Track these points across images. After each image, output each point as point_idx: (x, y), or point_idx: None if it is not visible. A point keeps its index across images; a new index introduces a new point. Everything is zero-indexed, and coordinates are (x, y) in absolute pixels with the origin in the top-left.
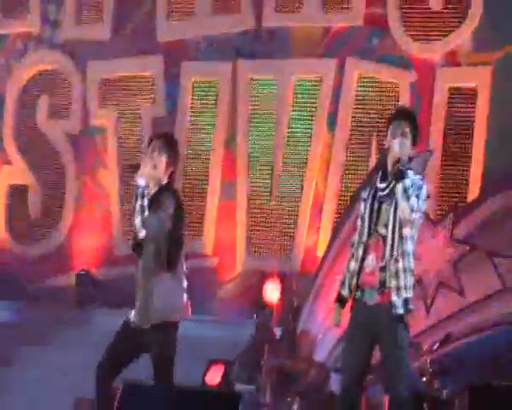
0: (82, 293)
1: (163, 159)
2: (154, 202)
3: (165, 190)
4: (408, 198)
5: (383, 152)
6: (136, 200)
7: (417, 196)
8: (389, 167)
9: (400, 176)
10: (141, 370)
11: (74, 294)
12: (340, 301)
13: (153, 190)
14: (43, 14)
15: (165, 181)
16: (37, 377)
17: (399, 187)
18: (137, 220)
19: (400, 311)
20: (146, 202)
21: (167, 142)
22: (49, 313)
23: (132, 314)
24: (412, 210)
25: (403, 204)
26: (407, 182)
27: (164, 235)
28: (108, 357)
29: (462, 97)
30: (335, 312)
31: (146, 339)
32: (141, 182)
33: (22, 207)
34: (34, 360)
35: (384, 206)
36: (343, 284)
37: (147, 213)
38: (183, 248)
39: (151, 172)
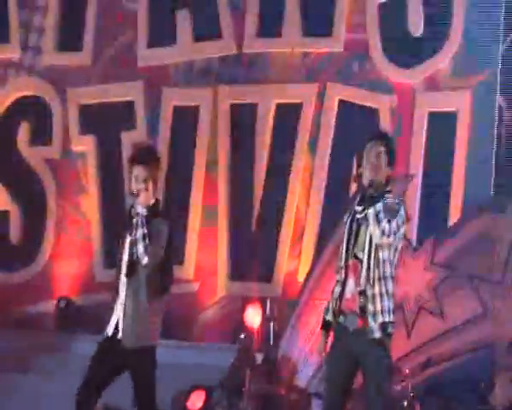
0: (62, 320)
1: (149, 184)
2: (151, 231)
3: (160, 217)
4: (379, 222)
5: (359, 175)
6: (137, 228)
7: (389, 221)
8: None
9: (372, 201)
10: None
11: (54, 320)
12: (325, 326)
13: (141, 211)
14: (24, 41)
15: (152, 201)
16: (17, 405)
17: (371, 212)
18: (140, 247)
19: (376, 335)
20: (146, 230)
21: (149, 164)
22: (29, 339)
23: (110, 332)
24: (383, 234)
25: (373, 228)
26: (378, 206)
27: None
28: (87, 381)
29: (442, 121)
30: (321, 339)
31: (128, 360)
32: (140, 209)
33: (3, 233)
34: (14, 388)
35: (362, 228)
36: (327, 309)
37: (147, 240)
38: (173, 274)
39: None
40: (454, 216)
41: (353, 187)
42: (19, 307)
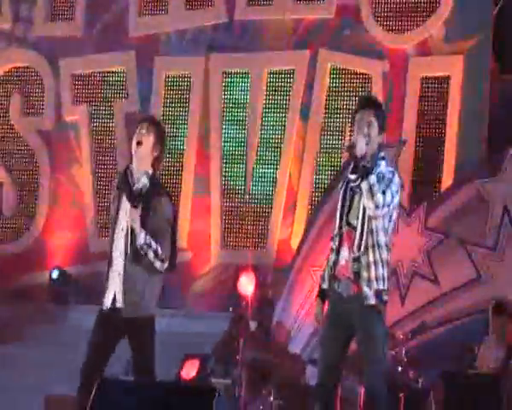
0: (56, 290)
1: (150, 138)
2: (152, 209)
3: (161, 193)
4: (372, 196)
5: (351, 145)
6: (137, 236)
7: (384, 192)
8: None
9: (365, 173)
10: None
11: (48, 291)
12: (321, 295)
13: (140, 179)
14: (15, 12)
15: (150, 170)
16: (9, 375)
17: (364, 185)
18: (150, 254)
19: (371, 301)
20: (148, 237)
21: (154, 124)
22: (23, 310)
23: (108, 304)
24: (377, 207)
25: (367, 202)
26: (372, 179)
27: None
28: (91, 355)
29: (434, 87)
30: (317, 307)
31: (128, 329)
32: (132, 212)
33: None
34: (8, 358)
35: (356, 197)
36: (323, 278)
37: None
38: (177, 249)
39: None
40: (447, 180)
41: (345, 155)
42: (13, 278)
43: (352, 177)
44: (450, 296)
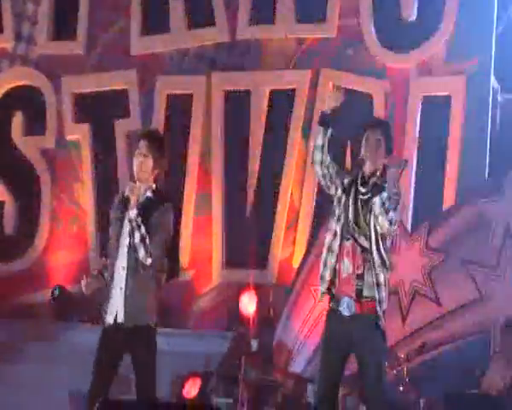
0: (57, 308)
1: (150, 158)
2: (154, 217)
3: (162, 201)
4: (387, 212)
5: (359, 163)
6: (133, 233)
7: (395, 209)
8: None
9: (377, 190)
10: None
11: (50, 310)
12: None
13: (143, 192)
14: (18, 31)
15: (153, 185)
16: (10, 392)
17: (377, 201)
18: (141, 251)
19: (382, 322)
20: (143, 230)
21: (154, 142)
22: (24, 328)
23: (111, 320)
24: (391, 223)
25: (381, 218)
26: (384, 195)
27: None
28: (96, 378)
29: (436, 107)
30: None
31: (130, 340)
32: (133, 214)
33: None
34: (10, 377)
35: (363, 212)
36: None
37: (147, 241)
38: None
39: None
40: (449, 200)
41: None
42: (14, 297)
43: (363, 190)
44: (452, 316)
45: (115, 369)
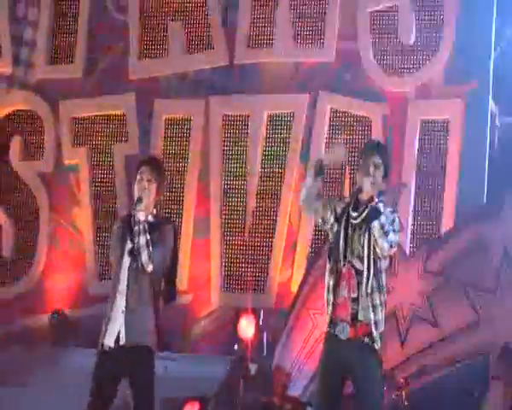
0: (56, 333)
1: (153, 186)
2: (156, 235)
3: (166, 222)
4: (386, 235)
5: (358, 189)
6: (139, 235)
7: (394, 231)
8: (361, 200)
9: (375, 214)
10: None
11: (48, 334)
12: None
13: (143, 218)
14: (16, 55)
15: (155, 210)
16: None
17: (376, 225)
18: (144, 254)
19: (377, 345)
20: (148, 236)
21: (156, 168)
22: (22, 353)
23: (112, 343)
24: (391, 246)
25: (381, 241)
26: (383, 219)
27: (163, 267)
28: (94, 402)
29: (434, 130)
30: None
31: (129, 362)
32: (142, 217)
33: None
34: (8, 402)
35: (355, 236)
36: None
37: (151, 247)
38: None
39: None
40: (447, 224)
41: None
42: (12, 321)
43: (354, 214)
44: (451, 340)
45: (115, 392)
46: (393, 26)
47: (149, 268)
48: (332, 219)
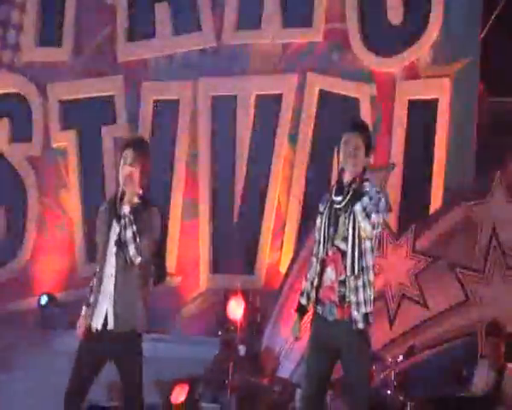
0: (45, 316)
1: (137, 168)
2: (142, 221)
3: (149, 206)
4: (368, 216)
5: (341, 169)
6: (125, 228)
7: (377, 211)
8: (345, 182)
9: (357, 196)
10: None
11: (37, 317)
12: (300, 310)
13: (130, 201)
14: (3, 38)
15: (140, 191)
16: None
17: (358, 207)
18: (131, 248)
19: (360, 326)
20: (135, 228)
21: (139, 150)
22: (11, 336)
23: (99, 326)
24: (374, 227)
25: (363, 223)
26: (365, 201)
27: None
28: (75, 378)
29: (422, 110)
30: (295, 324)
31: (117, 347)
32: (126, 209)
33: None
34: None
35: (341, 219)
36: (302, 293)
37: (138, 239)
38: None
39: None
40: (435, 203)
41: (333, 177)
42: (1, 305)
43: (337, 199)
44: (439, 319)
45: (96, 374)
46: (381, 6)
47: (137, 261)
48: (322, 208)
